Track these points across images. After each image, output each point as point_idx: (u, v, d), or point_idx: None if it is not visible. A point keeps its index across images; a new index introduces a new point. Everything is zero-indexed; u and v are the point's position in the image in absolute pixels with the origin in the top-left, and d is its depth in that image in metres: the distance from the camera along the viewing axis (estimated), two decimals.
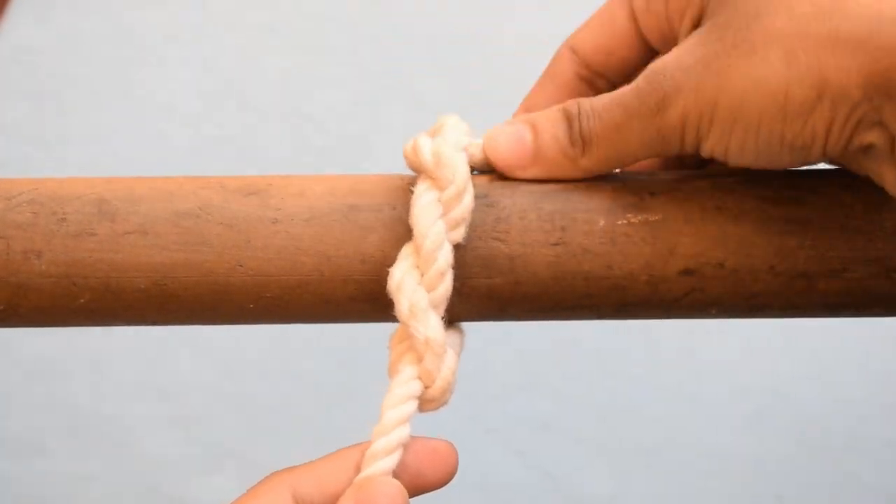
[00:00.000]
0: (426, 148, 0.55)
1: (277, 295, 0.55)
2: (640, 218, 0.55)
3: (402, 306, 0.53)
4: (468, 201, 0.54)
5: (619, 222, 0.55)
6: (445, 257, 0.53)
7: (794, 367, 1.11)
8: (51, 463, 1.10)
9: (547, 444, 1.10)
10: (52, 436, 1.10)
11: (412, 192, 0.55)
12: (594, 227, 0.55)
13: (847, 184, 0.55)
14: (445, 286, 0.54)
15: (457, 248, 0.54)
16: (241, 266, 0.55)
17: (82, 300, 0.55)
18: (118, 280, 0.55)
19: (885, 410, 1.10)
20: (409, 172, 0.57)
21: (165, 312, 0.56)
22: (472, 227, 0.55)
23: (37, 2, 1.09)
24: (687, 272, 0.55)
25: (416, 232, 0.54)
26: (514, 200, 0.55)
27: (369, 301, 0.55)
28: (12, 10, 1.08)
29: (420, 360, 0.54)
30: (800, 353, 1.11)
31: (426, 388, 0.54)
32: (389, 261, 0.55)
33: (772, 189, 0.55)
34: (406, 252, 0.54)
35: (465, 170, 0.54)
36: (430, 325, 0.53)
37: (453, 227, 0.54)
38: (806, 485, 1.10)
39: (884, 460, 1.09)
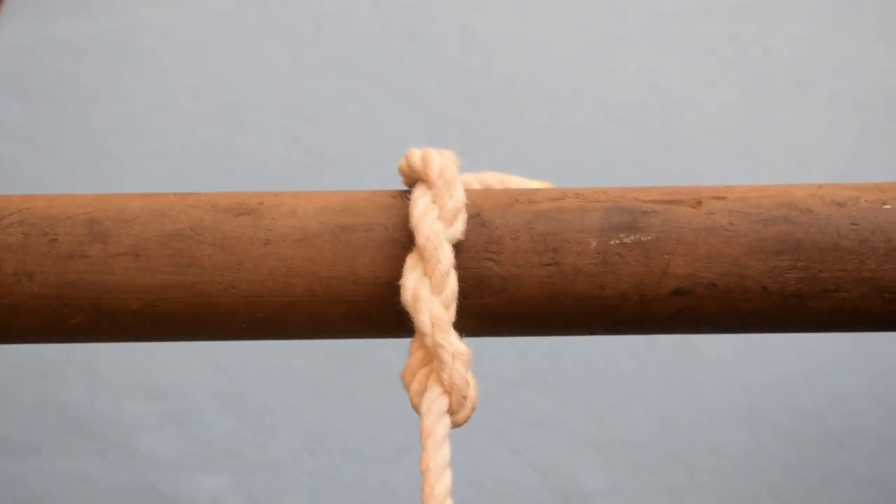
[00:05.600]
0: (416, 154, 0.56)
1: (270, 315, 0.55)
2: (632, 238, 0.55)
3: (422, 316, 0.53)
4: (459, 195, 0.54)
5: (612, 242, 0.55)
6: (447, 257, 0.53)
7: (789, 364, 1.12)
8: (46, 462, 1.10)
9: (542, 441, 1.10)
10: (47, 435, 1.10)
11: (408, 198, 0.55)
12: (586, 248, 0.55)
13: (840, 203, 0.55)
14: (451, 287, 0.53)
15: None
16: (233, 288, 0.55)
17: (74, 321, 0.56)
18: (110, 302, 0.55)
19: (878, 406, 1.10)
20: (401, 188, 0.57)
21: (158, 331, 0.57)
22: (465, 248, 0.55)
23: (33, 3, 1.08)
24: (679, 292, 0.55)
25: (417, 236, 0.54)
26: (507, 221, 0.55)
27: (362, 320, 0.55)
28: (8, 12, 1.07)
29: (445, 375, 0.54)
30: (794, 349, 1.11)
31: (451, 402, 0.54)
32: (381, 281, 0.55)
33: (764, 209, 0.55)
34: (411, 262, 0.54)
35: (452, 166, 0.55)
36: (453, 337, 0.53)
37: (450, 222, 0.54)
38: (801, 479, 1.10)
39: (877, 455, 1.10)
